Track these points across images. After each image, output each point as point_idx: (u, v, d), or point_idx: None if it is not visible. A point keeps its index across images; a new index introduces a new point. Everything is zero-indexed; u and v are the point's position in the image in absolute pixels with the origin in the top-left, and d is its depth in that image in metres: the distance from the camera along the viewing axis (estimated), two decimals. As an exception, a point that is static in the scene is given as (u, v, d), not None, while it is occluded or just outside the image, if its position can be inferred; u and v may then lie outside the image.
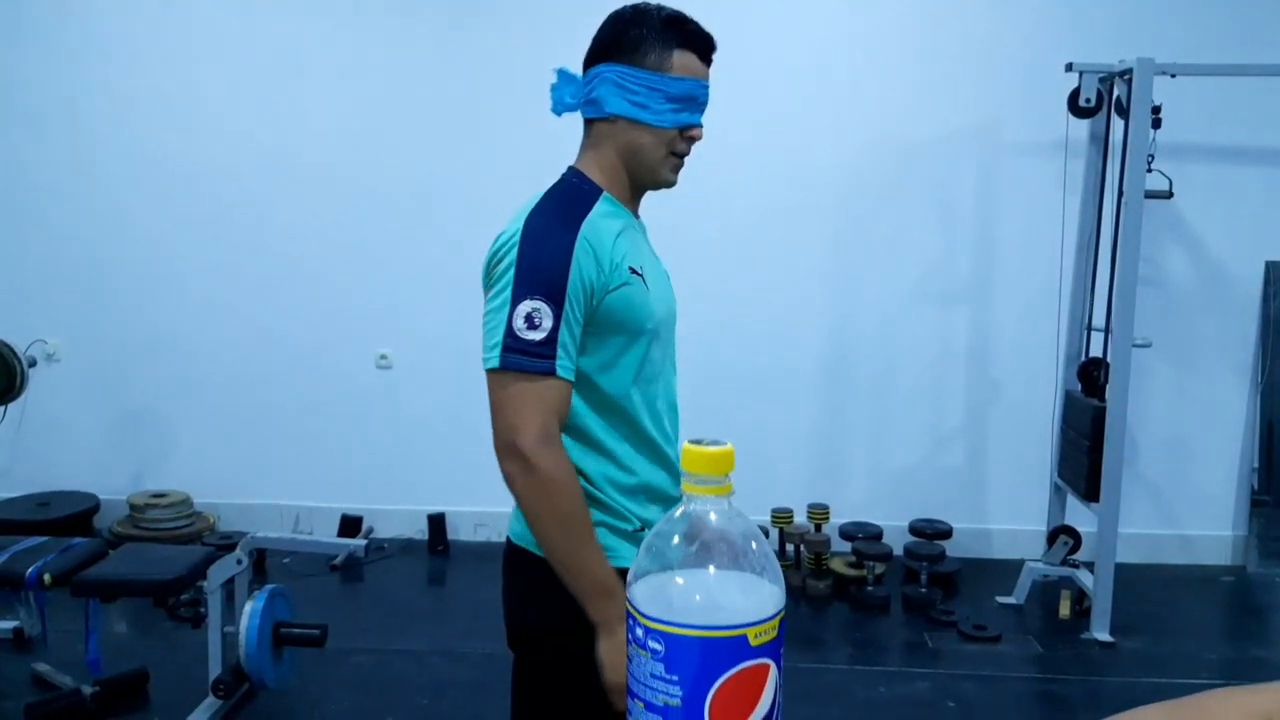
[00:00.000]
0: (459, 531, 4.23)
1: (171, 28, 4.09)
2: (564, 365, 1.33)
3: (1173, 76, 3.38)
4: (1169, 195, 3.71)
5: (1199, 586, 4.01)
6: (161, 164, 4.15)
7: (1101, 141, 3.72)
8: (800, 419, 4.17)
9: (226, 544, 3.26)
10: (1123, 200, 3.42)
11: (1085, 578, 3.59)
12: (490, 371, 1.33)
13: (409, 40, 4.06)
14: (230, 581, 2.85)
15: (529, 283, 1.31)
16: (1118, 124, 3.59)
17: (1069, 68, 3.56)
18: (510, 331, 1.31)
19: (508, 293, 1.32)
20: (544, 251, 1.33)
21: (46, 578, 2.62)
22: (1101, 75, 3.56)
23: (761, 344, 4.09)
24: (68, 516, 4.01)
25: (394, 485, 4.27)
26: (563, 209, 1.40)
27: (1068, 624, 3.58)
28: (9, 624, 3.21)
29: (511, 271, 1.33)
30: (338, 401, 4.25)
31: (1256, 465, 4.11)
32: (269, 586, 2.83)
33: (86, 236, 4.20)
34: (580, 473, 1.41)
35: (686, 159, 1.47)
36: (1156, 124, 3.39)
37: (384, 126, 4.10)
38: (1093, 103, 3.58)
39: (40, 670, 2.98)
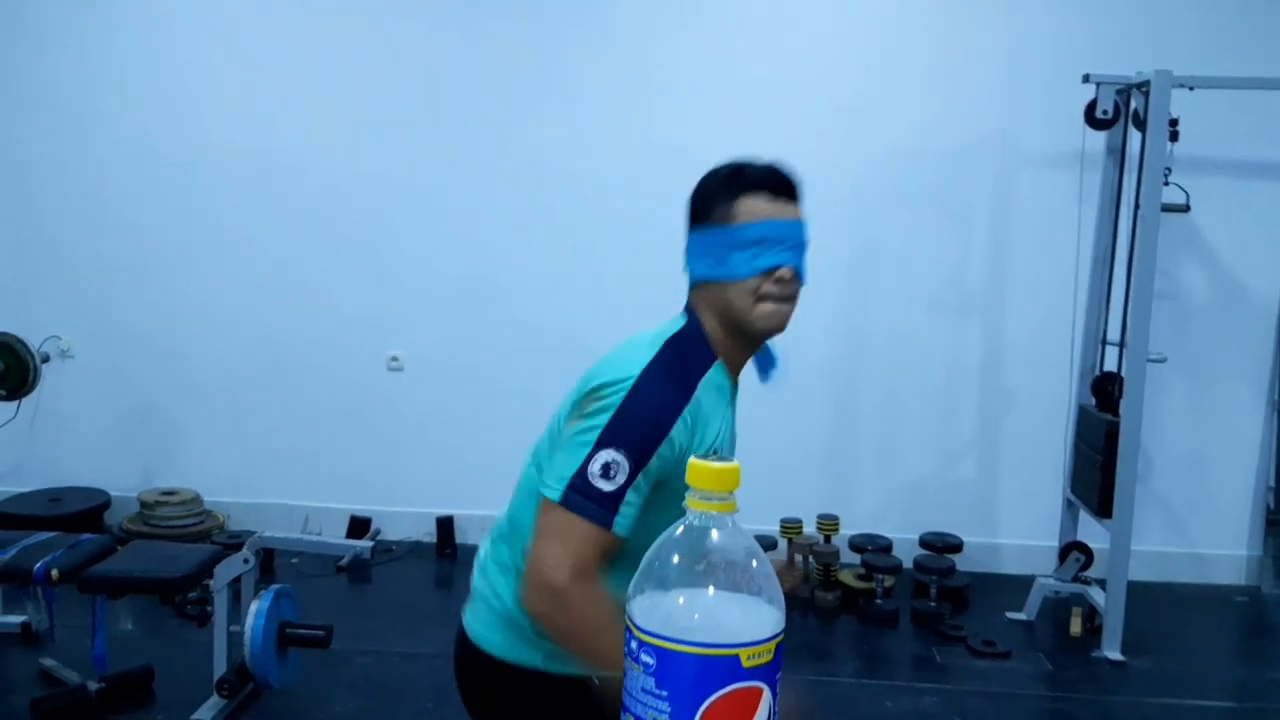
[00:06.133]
0: (467, 535, 4.22)
1: (186, 30, 4.11)
2: (622, 524, 1.29)
3: (1191, 89, 3.36)
4: (1186, 209, 3.68)
5: (1212, 606, 3.96)
6: (175, 168, 4.17)
7: (1118, 154, 3.69)
8: (811, 429, 4.15)
9: (234, 543, 3.27)
10: (1139, 213, 3.39)
11: (1097, 595, 3.56)
12: (547, 501, 1.31)
13: (419, 46, 4.07)
14: (237, 580, 2.85)
15: (620, 434, 1.29)
16: (1135, 136, 3.56)
17: (1086, 79, 3.54)
18: (582, 474, 1.28)
19: (594, 435, 1.30)
20: (648, 411, 1.31)
21: (54, 573, 2.63)
22: (1119, 87, 3.54)
23: (773, 353, 4.06)
24: (78, 512, 4.02)
25: (403, 487, 4.27)
26: (681, 369, 1.37)
27: (1078, 641, 3.54)
28: (17, 619, 3.21)
29: (608, 416, 1.30)
30: (348, 403, 4.25)
31: (1272, 484, 4.06)
32: (275, 586, 2.83)
33: (102, 235, 4.23)
34: None
35: (795, 298, 1.43)
36: (1174, 137, 3.36)
37: (397, 127, 4.11)
38: (1110, 115, 3.55)
39: (47, 665, 2.99)
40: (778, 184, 1.41)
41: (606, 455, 1.28)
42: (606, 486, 1.28)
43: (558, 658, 1.42)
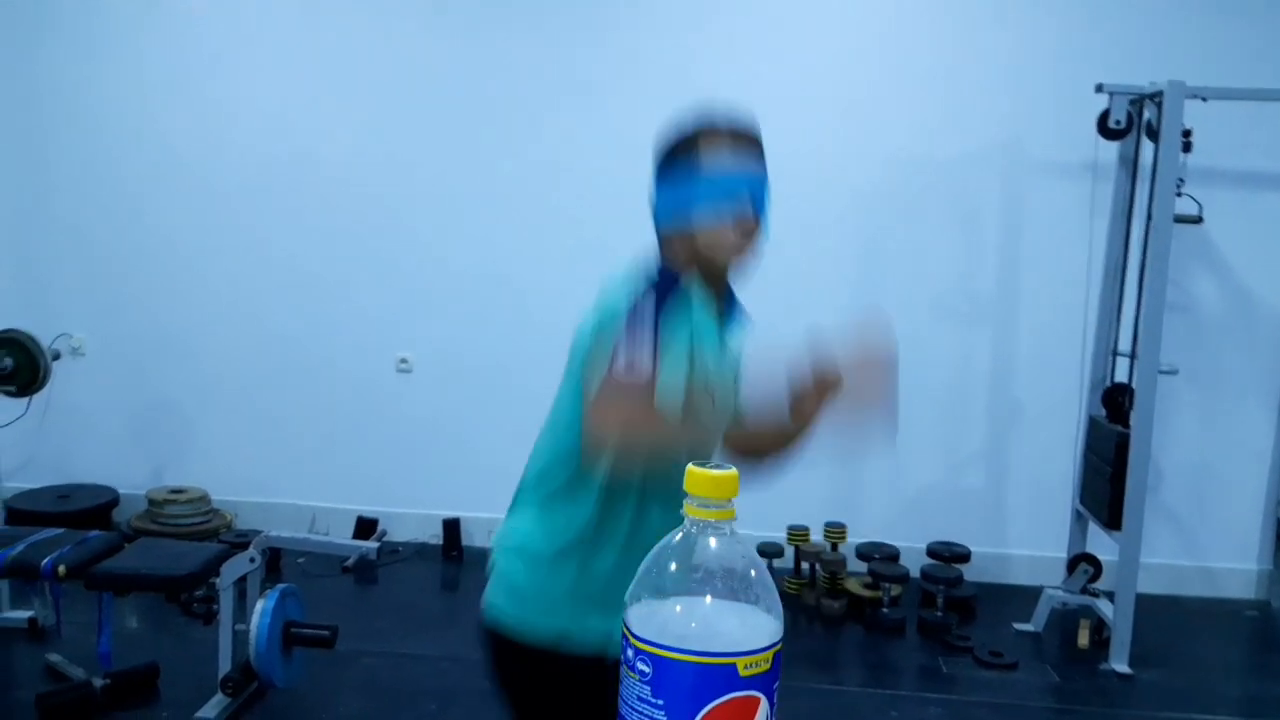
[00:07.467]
0: (473, 537, 4.22)
1: (198, 32, 4.14)
2: (665, 388, 1.30)
3: (1204, 100, 3.34)
4: (1199, 220, 3.65)
5: (1221, 620, 3.93)
6: (189, 168, 4.19)
7: (1131, 164, 3.67)
8: (818, 435, 4.12)
9: (241, 542, 3.28)
10: (1151, 224, 3.37)
11: (1105, 607, 3.53)
12: (592, 411, 1.34)
13: (435, 46, 4.09)
14: (243, 579, 2.86)
15: (631, 340, 1.32)
16: (1147, 147, 3.54)
17: (1099, 89, 3.52)
18: (611, 379, 1.30)
19: (608, 350, 1.33)
20: (650, 314, 1.35)
21: (61, 569, 2.65)
22: (1132, 97, 3.52)
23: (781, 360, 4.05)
24: (87, 509, 4.05)
25: (410, 489, 4.28)
26: (664, 286, 1.41)
27: (1086, 654, 3.52)
28: (24, 614, 3.24)
29: (617, 333, 1.33)
30: (357, 404, 4.27)
31: (1284, 498, 4.04)
32: (281, 586, 2.83)
33: (115, 236, 4.25)
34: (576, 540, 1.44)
35: (757, 246, 1.47)
36: (1187, 147, 3.34)
37: (406, 130, 4.12)
38: (1122, 125, 3.53)
39: (53, 661, 3.00)
40: (741, 138, 1.45)
41: (626, 357, 1.30)
42: (637, 370, 1.29)
43: (570, 637, 1.44)
